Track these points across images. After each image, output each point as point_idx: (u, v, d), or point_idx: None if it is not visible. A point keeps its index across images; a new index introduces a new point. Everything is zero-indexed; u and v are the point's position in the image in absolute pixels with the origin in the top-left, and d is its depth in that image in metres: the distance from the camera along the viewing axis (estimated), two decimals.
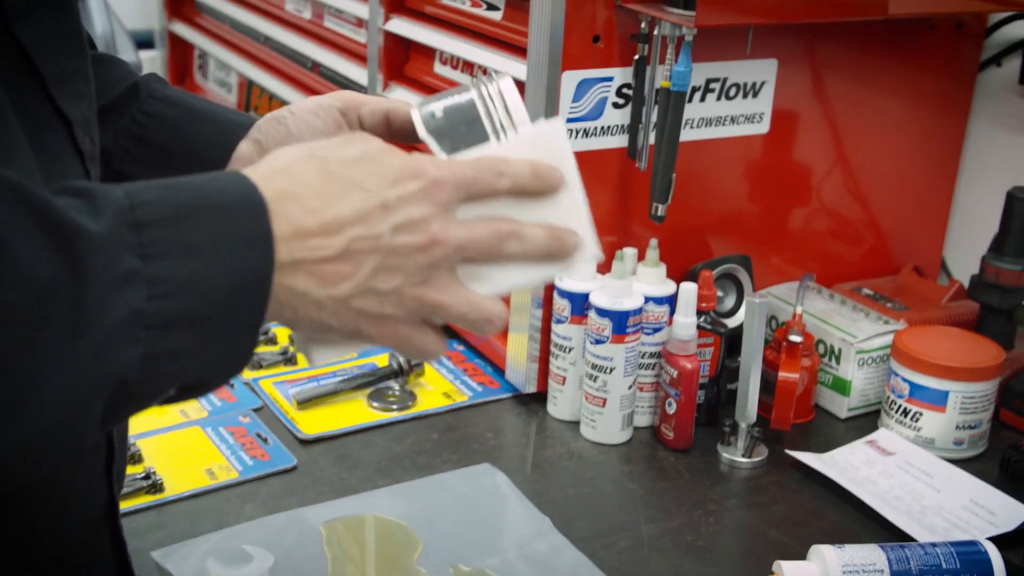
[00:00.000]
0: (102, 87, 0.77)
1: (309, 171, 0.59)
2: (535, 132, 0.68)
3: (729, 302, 1.25)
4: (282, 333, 1.36)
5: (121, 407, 0.52)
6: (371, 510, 1.02)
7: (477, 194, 0.62)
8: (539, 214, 0.65)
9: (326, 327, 0.59)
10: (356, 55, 1.56)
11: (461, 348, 1.33)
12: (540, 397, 1.23)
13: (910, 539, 0.98)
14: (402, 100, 0.80)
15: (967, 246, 1.46)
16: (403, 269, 0.59)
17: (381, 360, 1.27)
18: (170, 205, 0.53)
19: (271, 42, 1.85)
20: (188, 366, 0.53)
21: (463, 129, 0.68)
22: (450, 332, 1.21)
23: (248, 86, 1.93)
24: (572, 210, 0.67)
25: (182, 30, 2.17)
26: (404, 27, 1.41)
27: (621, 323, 1.11)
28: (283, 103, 1.71)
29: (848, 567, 0.89)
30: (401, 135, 0.79)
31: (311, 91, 1.68)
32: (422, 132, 0.69)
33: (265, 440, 1.13)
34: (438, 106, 0.70)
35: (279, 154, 0.61)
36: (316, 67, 1.70)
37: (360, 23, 1.54)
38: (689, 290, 1.11)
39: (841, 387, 1.21)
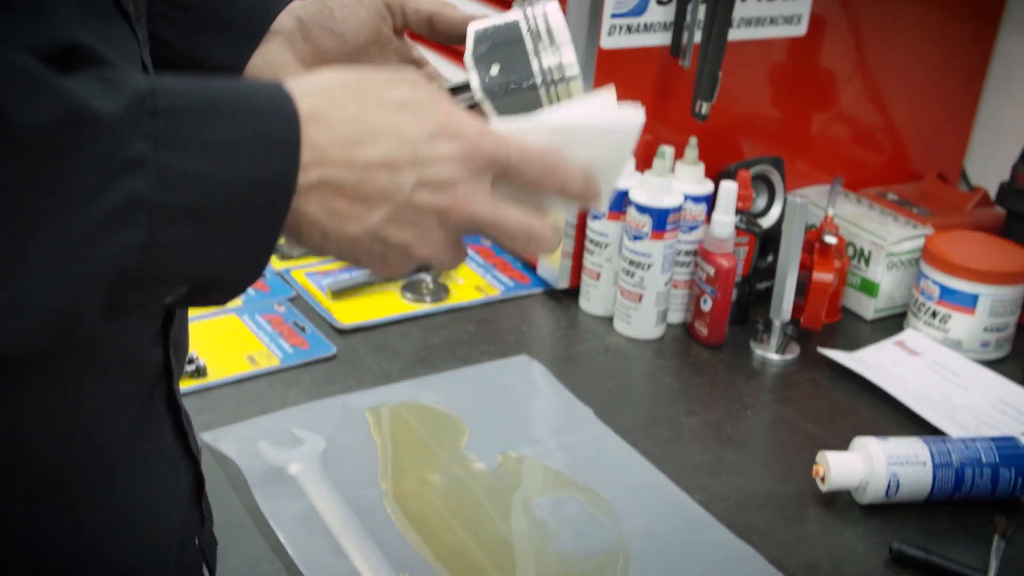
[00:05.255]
0: None
1: (348, 101, 0.56)
2: (604, 122, 0.62)
3: (761, 203, 1.25)
4: None
5: (122, 298, 0.50)
6: (414, 398, 1.04)
7: (517, 179, 0.59)
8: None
9: (325, 253, 0.57)
10: None
11: (489, 243, 1.34)
12: (571, 293, 1.24)
13: (943, 435, 1.01)
14: (447, 2, 0.78)
15: (988, 155, 1.47)
16: (416, 226, 0.56)
17: None
18: (194, 98, 0.50)
19: None
20: (193, 261, 0.51)
21: (505, 52, 0.66)
22: None
23: None
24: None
25: None
26: None
27: (661, 220, 1.12)
28: None
29: (893, 458, 0.91)
30: (443, 37, 0.77)
31: None
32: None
33: (303, 329, 1.13)
34: (486, 24, 0.67)
35: (324, 73, 0.58)
36: None
37: None
38: (730, 189, 1.12)
39: (869, 289, 1.23)
